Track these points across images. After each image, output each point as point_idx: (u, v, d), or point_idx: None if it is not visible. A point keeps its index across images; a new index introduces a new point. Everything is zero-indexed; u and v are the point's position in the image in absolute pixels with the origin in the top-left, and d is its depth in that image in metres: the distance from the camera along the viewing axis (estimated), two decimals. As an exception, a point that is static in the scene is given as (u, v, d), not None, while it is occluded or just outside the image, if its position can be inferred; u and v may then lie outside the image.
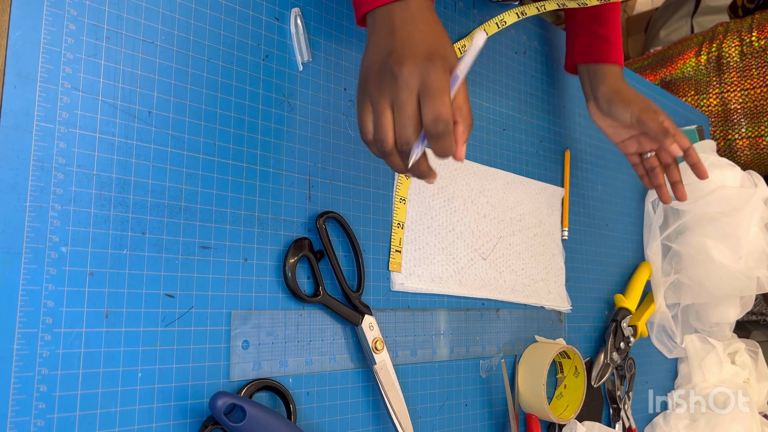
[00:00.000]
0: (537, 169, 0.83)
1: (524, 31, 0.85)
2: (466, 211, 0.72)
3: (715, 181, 1.00)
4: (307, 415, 0.54)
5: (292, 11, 0.58)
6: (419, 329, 0.65)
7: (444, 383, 0.67)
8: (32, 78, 0.42)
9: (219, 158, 0.51)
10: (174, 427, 0.46)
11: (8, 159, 0.41)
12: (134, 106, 0.47)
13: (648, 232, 1.01)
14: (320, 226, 0.56)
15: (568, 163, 0.89)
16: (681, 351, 1.04)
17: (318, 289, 0.56)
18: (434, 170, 0.50)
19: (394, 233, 0.64)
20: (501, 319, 0.74)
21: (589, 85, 0.83)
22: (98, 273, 0.44)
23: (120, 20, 0.47)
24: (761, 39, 1.32)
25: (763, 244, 0.94)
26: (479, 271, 0.72)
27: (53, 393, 0.41)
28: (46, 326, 0.41)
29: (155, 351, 0.46)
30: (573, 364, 0.79)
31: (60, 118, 0.43)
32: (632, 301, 0.93)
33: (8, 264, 0.40)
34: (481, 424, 0.70)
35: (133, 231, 0.46)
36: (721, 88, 1.37)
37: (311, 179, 0.58)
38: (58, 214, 0.42)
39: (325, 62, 0.60)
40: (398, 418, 0.58)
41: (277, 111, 0.56)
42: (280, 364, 0.53)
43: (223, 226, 0.51)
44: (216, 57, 0.52)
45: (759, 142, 1.35)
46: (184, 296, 0.48)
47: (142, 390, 0.45)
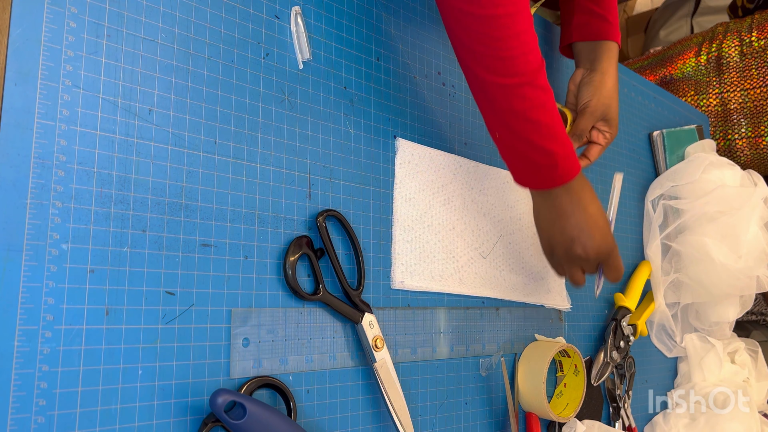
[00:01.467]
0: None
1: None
2: (466, 210, 0.72)
3: (714, 180, 1.00)
4: (308, 412, 0.55)
5: (292, 9, 0.58)
6: (419, 327, 0.65)
7: (444, 381, 0.67)
8: (33, 75, 0.42)
9: (219, 156, 0.51)
10: (174, 425, 0.46)
11: (9, 156, 0.41)
12: (135, 104, 0.47)
13: (648, 231, 1.01)
14: (320, 224, 0.56)
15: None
16: (681, 350, 1.04)
17: (318, 287, 0.56)
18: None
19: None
20: (501, 318, 0.74)
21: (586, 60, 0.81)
22: (99, 270, 0.44)
23: (120, 18, 0.47)
24: (761, 39, 1.32)
25: (762, 243, 0.94)
26: (479, 269, 0.72)
27: (54, 390, 0.41)
28: (47, 323, 0.41)
29: (156, 348, 0.46)
30: (573, 362, 0.79)
31: (60, 116, 0.43)
32: (632, 300, 0.93)
33: (9, 261, 0.40)
34: (480, 423, 0.71)
35: (134, 228, 0.46)
36: (720, 88, 1.37)
37: (311, 177, 0.58)
38: (58, 211, 0.43)
39: (325, 60, 0.60)
40: (398, 415, 0.58)
41: (278, 109, 0.56)
42: (280, 361, 0.53)
43: (223, 223, 0.51)
44: (216, 55, 0.52)
45: (759, 142, 1.35)
46: (184, 294, 0.48)
47: (142, 387, 0.45)
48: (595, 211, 0.66)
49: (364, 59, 0.64)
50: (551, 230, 0.67)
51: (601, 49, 0.79)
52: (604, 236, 0.66)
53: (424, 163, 0.68)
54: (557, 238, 0.67)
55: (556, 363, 0.81)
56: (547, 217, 0.67)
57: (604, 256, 0.67)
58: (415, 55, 0.70)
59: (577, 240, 0.65)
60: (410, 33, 0.69)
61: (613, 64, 0.79)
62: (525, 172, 0.64)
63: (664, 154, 1.09)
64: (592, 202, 0.66)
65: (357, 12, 0.64)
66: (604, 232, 0.66)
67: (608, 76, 0.78)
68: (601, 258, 0.67)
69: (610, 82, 0.78)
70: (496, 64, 0.58)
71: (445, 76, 0.73)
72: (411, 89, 0.68)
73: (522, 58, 0.57)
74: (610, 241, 0.67)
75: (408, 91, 0.68)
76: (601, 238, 0.66)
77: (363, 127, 0.63)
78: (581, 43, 0.81)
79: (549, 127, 0.60)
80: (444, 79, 0.73)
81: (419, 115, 0.69)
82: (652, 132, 1.10)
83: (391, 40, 0.67)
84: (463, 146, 0.73)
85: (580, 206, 0.65)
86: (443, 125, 0.71)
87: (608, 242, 0.67)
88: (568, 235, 0.66)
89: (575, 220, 0.65)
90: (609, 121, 0.79)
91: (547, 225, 0.68)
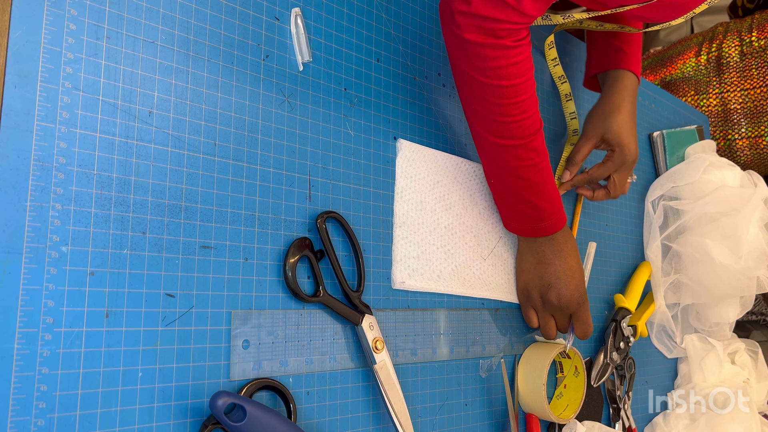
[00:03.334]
0: (537, 169, 0.83)
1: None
2: (466, 211, 0.72)
3: (714, 181, 1.00)
4: (308, 414, 0.55)
5: (292, 11, 0.58)
6: (419, 329, 0.65)
7: (444, 383, 0.67)
8: (33, 78, 0.42)
9: (219, 158, 0.51)
10: (174, 427, 0.46)
11: (9, 159, 0.41)
12: (135, 106, 0.47)
13: (648, 232, 1.01)
14: (320, 226, 0.56)
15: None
16: (681, 351, 1.04)
17: (318, 289, 0.56)
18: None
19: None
20: (501, 319, 0.74)
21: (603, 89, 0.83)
22: (99, 272, 0.44)
23: (120, 20, 0.47)
24: (761, 39, 1.32)
25: (762, 244, 0.94)
26: (479, 271, 0.72)
27: (54, 392, 0.41)
28: (47, 326, 0.41)
29: (155, 350, 0.46)
30: (573, 363, 0.79)
31: (60, 118, 0.43)
32: (632, 301, 0.93)
33: (9, 264, 0.40)
34: (480, 424, 0.71)
35: (134, 231, 0.46)
36: (721, 88, 1.37)
37: (311, 179, 0.58)
38: (58, 213, 0.43)
39: (325, 62, 0.60)
40: (398, 417, 0.58)
41: (278, 111, 0.56)
42: (280, 363, 0.53)
43: (223, 225, 0.51)
44: (216, 57, 0.52)
45: (759, 142, 1.35)
46: (184, 296, 0.48)
47: (142, 389, 0.45)
48: (574, 264, 0.71)
49: (364, 60, 0.64)
50: (531, 274, 0.73)
51: (613, 76, 0.82)
52: (578, 287, 0.71)
53: (424, 164, 0.68)
54: (535, 281, 0.73)
55: (556, 364, 0.81)
56: (530, 261, 0.73)
57: (574, 307, 0.71)
58: (415, 56, 0.69)
59: (553, 286, 0.71)
60: (410, 34, 0.69)
61: (622, 89, 0.80)
62: (514, 219, 0.71)
63: (664, 155, 1.09)
64: (572, 255, 0.71)
65: (357, 13, 0.64)
66: (578, 284, 0.71)
67: (612, 101, 0.79)
68: (571, 308, 0.71)
69: (612, 106, 0.79)
70: (494, 126, 0.62)
71: (446, 77, 0.73)
72: (411, 90, 0.68)
73: (519, 123, 0.62)
74: (583, 294, 0.72)
75: (408, 92, 0.68)
76: (575, 289, 0.71)
77: (363, 129, 0.63)
78: (600, 74, 0.84)
79: (539, 185, 0.66)
80: (444, 80, 0.72)
81: (419, 117, 0.69)
82: (653, 132, 1.10)
83: (391, 41, 0.67)
84: (463, 147, 0.73)
85: (561, 256, 0.71)
86: (443, 126, 0.71)
87: (581, 294, 0.71)
88: (546, 280, 0.71)
89: (554, 267, 0.71)
90: (609, 142, 0.79)
91: (528, 268, 0.73)
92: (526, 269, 0.74)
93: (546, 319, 0.74)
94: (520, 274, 0.75)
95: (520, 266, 0.75)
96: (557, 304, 0.71)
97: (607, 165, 0.80)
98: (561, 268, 0.70)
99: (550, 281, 0.71)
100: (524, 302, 0.75)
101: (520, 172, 0.65)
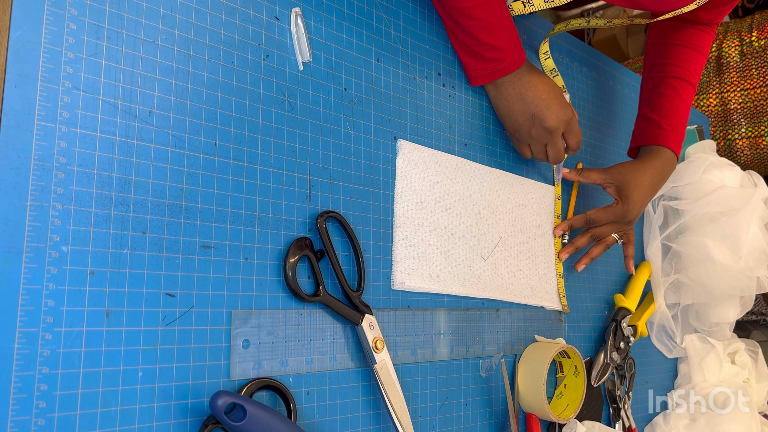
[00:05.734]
0: (539, 170, 0.83)
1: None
2: (466, 211, 0.72)
3: (715, 181, 1.01)
4: (308, 414, 0.55)
5: (292, 11, 0.58)
6: (419, 329, 0.65)
7: (444, 383, 0.67)
8: (33, 77, 0.42)
9: (219, 158, 0.51)
10: (174, 426, 0.46)
11: (9, 158, 0.41)
12: (135, 106, 0.47)
13: (648, 232, 1.01)
14: (320, 226, 0.56)
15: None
16: (681, 351, 1.04)
17: (318, 289, 0.56)
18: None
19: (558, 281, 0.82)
20: (501, 319, 0.74)
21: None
22: (99, 272, 0.44)
23: (121, 20, 0.47)
24: (761, 39, 1.32)
25: (763, 244, 0.94)
26: (479, 271, 0.72)
27: (54, 392, 0.41)
28: (47, 325, 0.41)
29: (156, 350, 0.46)
30: (573, 363, 0.79)
31: (61, 118, 0.43)
32: (632, 301, 0.93)
33: (9, 263, 0.40)
34: (481, 424, 0.71)
35: (134, 230, 0.46)
36: (720, 88, 1.37)
37: (311, 179, 0.58)
38: (58, 213, 0.43)
39: (325, 62, 0.60)
40: (398, 417, 0.58)
41: (278, 110, 0.56)
42: (280, 363, 0.53)
43: (223, 225, 0.51)
44: (216, 56, 0.52)
45: (759, 142, 1.35)
46: (184, 295, 0.48)
47: (142, 389, 0.45)
48: (547, 86, 0.71)
49: (364, 60, 0.64)
50: (512, 115, 0.73)
51: (650, 149, 0.86)
52: (560, 105, 0.71)
53: (425, 164, 0.68)
54: (519, 120, 0.72)
55: (556, 364, 0.81)
56: (505, 105, 0.73)
57: (564, 125, 0.71)
58: (415, 55, 0.70)
59: (536, 116, 0.71)
60: (410, 34, 0.69)
61: (654, 159, 0.84)
62: (477, 68, 0.71)
63: (664, 155, 1.09)
64: (541, 80, 0.71)
65: (357, 13, 0.64)
66: (559, 102, 0.71)
67: (641, 163, 0.84)
68: (562, 127, 0.71)
69: (639, 167, 0.83)
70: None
71: (446, 76, 0.73)
72: (411, 90, 0.68)
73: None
74: (567, 109, 0.71)
75: (408, 92, 0.68)
76: (558, 108, 0.70)
77: (363, 129, 0.63)
78: (640, 147, 0.88)
79: (492, 24, 0.67)
80: (444, 79, 0.72)
81: (419, 116, 0.69)
82: (653, 132, 1.10)
83: (391, 41, 0.67)
84: (463, 147, 0.73)
85: (532, 86, 0.71)
86: (443, 126, 0.71)
87: (565, 110, 0.71)
88: (529, 113, 0.71)
89: (530, 98, 0.71)
90: (619, 191, 0.82)
91: (507, 112, 0.73)
92: (505, 114, 0.74)
93: (538, 149, 0.74)
94: (503, 120, 0.75)
95: (500, 112, 0.75)
96: (549, 128, 0.71)
97: (607, 211, 0.82)
98: (537, 96, 0.70)
99: (532, 112, 0.71)
100: (517, 143, 0.76)
101: (472, 11, 0.66)
